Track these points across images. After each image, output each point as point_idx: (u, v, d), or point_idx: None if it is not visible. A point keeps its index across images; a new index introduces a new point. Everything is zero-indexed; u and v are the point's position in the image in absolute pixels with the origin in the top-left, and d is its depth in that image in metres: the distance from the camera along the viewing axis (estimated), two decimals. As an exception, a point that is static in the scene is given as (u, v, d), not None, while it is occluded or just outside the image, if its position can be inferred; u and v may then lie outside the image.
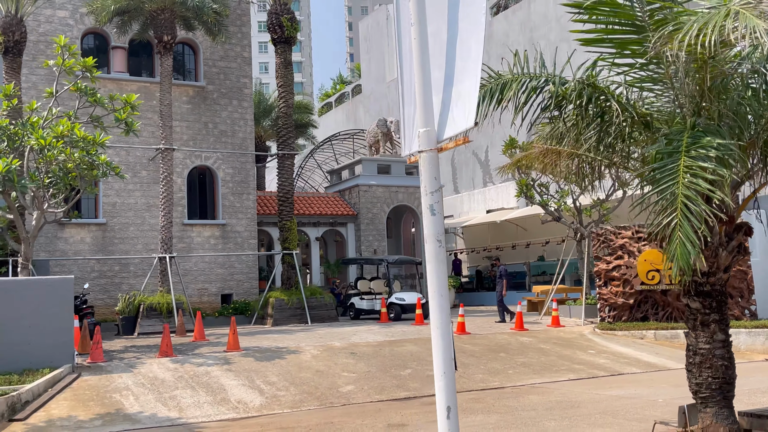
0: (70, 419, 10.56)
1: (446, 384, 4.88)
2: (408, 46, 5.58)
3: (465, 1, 5.06)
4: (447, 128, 5.00)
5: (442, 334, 4.92)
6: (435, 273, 4.93)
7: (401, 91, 5.61)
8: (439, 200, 5.04)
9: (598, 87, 5.96)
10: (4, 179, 13.48)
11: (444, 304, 4.98)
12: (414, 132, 5.42)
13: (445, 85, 5.12)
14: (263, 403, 11.66)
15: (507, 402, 11.23)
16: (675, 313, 18.44)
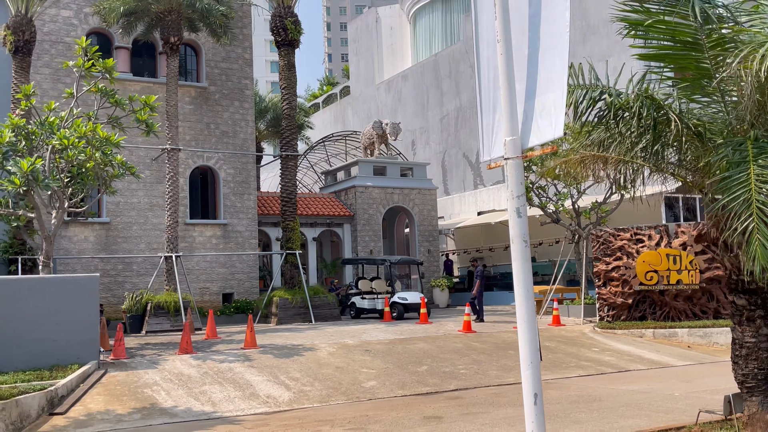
0: (108, 413, 10.84)
1: (532, 373, 5.30)
2: (486, 60, 6.02)
3: (547, 19, 5.50)
4: (531, 137, 5.43)
5: (528, 327, 5.35)
6: (521, 271, 5.37)
7: (479, 102, 6.04)
8: (524, 203, 5.48)
9: (655, 99, 6.43)
10: (29, 178, 13.69)
11: (530, 299, 5.41)
12: (493, 140, 5.86)
13: (527, 97, 5.55)
14: (292, 398, 12.01)
15: (529, 396, 11.67)
16: (672, 313, 19.05)
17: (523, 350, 5.37)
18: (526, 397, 5.36)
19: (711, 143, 6.16)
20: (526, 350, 5.34)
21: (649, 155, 6.64)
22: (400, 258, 25.04)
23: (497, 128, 5.82)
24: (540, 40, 5.50)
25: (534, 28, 5.57)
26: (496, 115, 5.84)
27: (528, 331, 5.34)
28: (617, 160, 7.02)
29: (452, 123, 38.22)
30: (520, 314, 5.37)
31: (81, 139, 14.29)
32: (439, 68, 39.34)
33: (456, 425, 9.34)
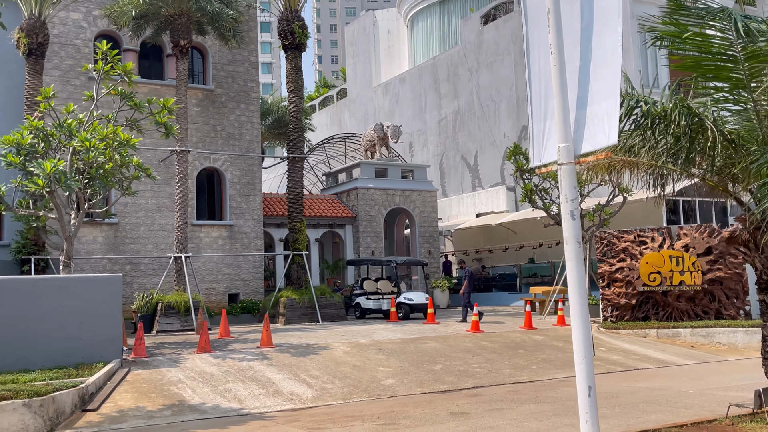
0: (139, 410, 11.09)
1: (586, 367, 5.63)
2: (537, 71, 6.36)
3: (599, 33, 5.84)
4: (585, 143, 5.77)
5: (582, 325, 5.68)
6: (575, 271, 5.71)
7: (531, 110, 6.37)
8: (578, 206, 5.81)
9: (691, 108, 6.79)
10: (51, 179, 13.90)
11: (584, 297, 5.75)
12: (543, 146, 6.20)
13: (578, 106, 5.90)
14: (315, 395, 12.30)
15: (546, 393, 12.04)
16: (675, 313, 19.48)
17: (577, 345, 5.70)
18: (581, 390, 5.68)
19: (744, 150, 6.53)
20: (580, 346, 5.67)
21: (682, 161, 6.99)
22: (406, 259, 25.38)
23: (548, 135, 6.16)
24: (592, 53, 5.84)
25: (586, 41, 5.91)
26: (546, 123, 6.18)
27: (582, 328, 5.67)
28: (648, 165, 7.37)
29: (450, 126, 38.59)
30: (574, 311, 5.70)
31: (102, 141, 14.53)
32: (437, 71, 39.72)
33: (484, 421, 9.66)
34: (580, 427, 5.60)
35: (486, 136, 36.07)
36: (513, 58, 34.41)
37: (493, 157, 35.63)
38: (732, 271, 19.24)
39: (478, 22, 37.11)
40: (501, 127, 35.08)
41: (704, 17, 6.37)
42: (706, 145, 6.54)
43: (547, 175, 20.90)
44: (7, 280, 13.07)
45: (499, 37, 35.40)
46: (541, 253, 31.32)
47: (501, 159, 34.98)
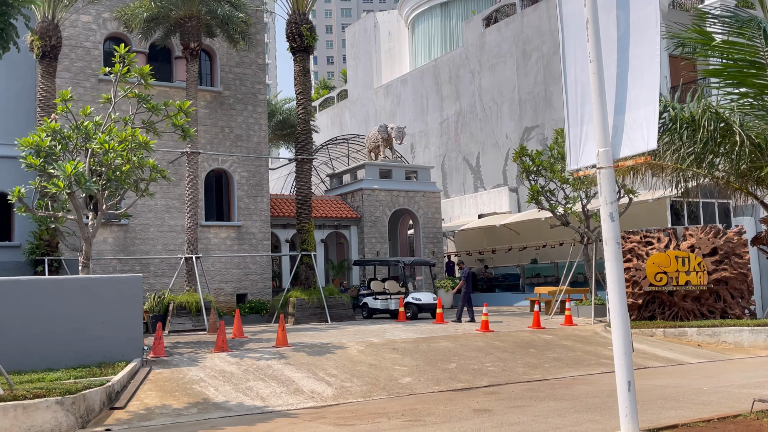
0: (165, 407, 11.29)
1: (626, 362, 5.88)
2: (573, 78, 6.60)
3: (636, 43, 6.09)
4: (623, 148, 6.01)
5: (622, 322, 5.94)
6: (615, 270, 5.95)
7: (567, 116, 6.62)
8: (616, 209, 6.05)
9: (719, 114, 7.05)
10: (71, 181, 14.10)
11: (623, 295, 5.99)
12: (580, 150, 6.44)
13: (616, 112, 6.14)
14: (335, 393, 12.51)
15: (563, 391, 12.29)
16: (681, 313, 19.76)
17: (617, 342, 5.95)
18: (620, 385, 5.93)
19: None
20: (619, 342, 5.92)
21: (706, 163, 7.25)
22: (414, 259, 25.63)
23: (584, 140, 6.41)
24: (629, 61, 6.09)
25: (622, 50, 6.16)
26: (583, 128, 6.42)
27: (621, 325, 5.92)
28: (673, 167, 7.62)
29: (452, 127, 38.86)
30: (614, 309, 5.94)
31: (120, 143, 14.74)
32: (438, 73, 39.98)
33: (507, 417, 9.90)
34: (620, 420, 5.85)
35: (488, 137, 36.35)
36: (515, 60, 34.68)
37: (495, 159, 35.91)
38: (737, 272, 19.53)
39: (479, 24, 37.38)
40: (503, 129, 35.35)
41: (732, 26, 6.62)
42: (732, 149, 6.79)
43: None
44: (31, 281, 13.27)
45: (501, 40, 35.68)
46: (544, 254, 31.62)
47: (503, 160, 35.27)
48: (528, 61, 33.86)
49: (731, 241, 19.68)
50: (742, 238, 19.81)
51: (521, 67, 34.28)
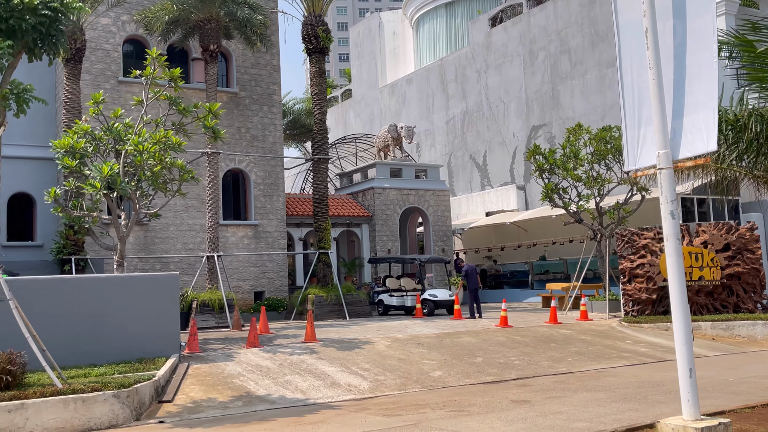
0: (211, 401, 11.67)
1: (687, 351, 6.29)
2: (630, 83, 7.01)
3: (692, 50, 6.49)
4: (682, 150, 6.42)
5: (682, 313, 6.35)
6: (675, 264, 6.36)
7: (624, 119, 7.02)
8: (677, 207, 6.46)
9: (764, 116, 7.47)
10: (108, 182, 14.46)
11: (683, 288, 6.40)
12: (638, 152, 6.85)
13: (674, 116, 6.55)
14: (371, 386, 12.91)
15: (592, 383, 12.71)
16: (694, 307, 20.17)
17: (678, 332, 6.35)
18: (682, 371, 6.34)
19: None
20: (680, 332, 6.33)
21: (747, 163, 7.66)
22: (430, 257, 26.04)
23: (641, 142, 6.81)
24: (686, 68, 6.49)
25: (679, 57, 6.56)
26: (641, 131, 6.83)
27: (682, 316, 6.32)
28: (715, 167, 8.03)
29: (458, 126, 39.26)
30: (674, 301, 6.35)
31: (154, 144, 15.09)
32: (444, 72, 40.37)
33: (547, 407, 10.31)
34: (682, 405, 6.26)
35: (495, 135, 36.77)
36: (522, 60, 35.11)
37: (502, 157, 36.33)
38: (750, 267, 19.97)
39: (486, 24, 37.78)
40: (510, 127, 35.78)
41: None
42: (774, 150, 7.23)
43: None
44: (75, 279, 13.64)
45: (508, 39, 36.08)
46: (552, 251, 32.06)
47: (510, 158, 35.69)
48: (535, 61, 34.29)
49: (743, 237, 20.13)
50: (755, 234, 20.25)
51: (528, 67, 34.71)
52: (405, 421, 9.69)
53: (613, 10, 7.10)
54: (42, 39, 10.98)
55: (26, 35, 10.78)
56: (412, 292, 24.28)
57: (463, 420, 9.53)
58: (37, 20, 10.69)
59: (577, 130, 23.50)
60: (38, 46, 11.03)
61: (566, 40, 32.63)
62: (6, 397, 9.72)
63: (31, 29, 10.69)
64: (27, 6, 10.55)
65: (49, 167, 23.37)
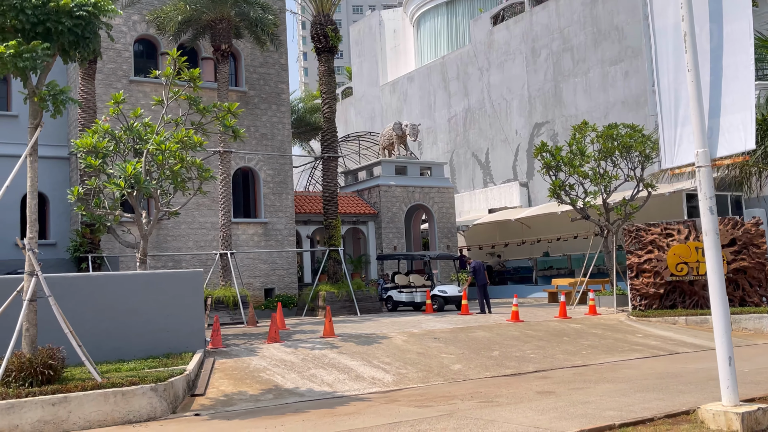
0: (242, 394, 11.96)
1: (726, 340, 6.62)
2: (666, 85, 7.32)
3: (729, 52, 6.81)
4: (720, 149, 6.74)
5: (721, 304, 6.67)
6: (714, 258, 6.68)
7: (660, 119, 7.33)
8: (715, 203, 6.78)
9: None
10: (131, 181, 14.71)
11: (722, 280, 6.73)
12: (675, 150, 7.17)
13: (710, 116, 6.86)
14: (394, 379, 13.21)
15: (611, 375, 13.04)
16: (701, 301, 20.56)
17: (717, 323, 6.67)
18: (722, 359, 6.65)
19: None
20: (720, 323, 6.65)
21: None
22: (439, 253, 26.37)
23: (678, 141, 7.13)
24: (723, 70, 6.81)
25: (716, 60, 6.87)
26: (677, 130, 7.14)
27: (721, 307, 6.64)
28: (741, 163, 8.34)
29: (461, 123, 39.58)
30: (713, 293, 6.67)
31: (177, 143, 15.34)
32: (446, 70, 40.68)
33: (574, 397, 10.63)
34: (722, 391, 6.58)
35: (497, 133, 37.10)
36: (524, 58, 35.43)
37: (504, 154, 36.67)
38: (755, 261, 20.36)
39: (488, 22, 38.09)
40: (513, 125, 36.12)
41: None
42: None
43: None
44: (102, 276, 13.89)
45: (510, 37, 36.40)
46: (555, 247, 32.43)
47: (513, 155, 36.04)
48: (537, 59, 34.62)
49: (749, 232, 20.51)
50: (760, 229, 20.63)
51: (530, 64, 35.04)
52: (438, 411, 10.00)
53: (649, 15, 7.40)
54: (77, 41, 11.20)
55: (62, 37, 11.01)
56: (421, 288, 24.60)
57: (495, 410, 9.84)
58: (73, 23, 10.92)
59: (583, 128, 23.81)
60: (73, 48, 11.26)
61: (568, 38, 32.97)
62: (49, 391, 9.99)
63: (67, 32, 10.92)
64: (63, 9, 10.78)
65: (61, 166, 23.57)
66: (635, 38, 30.03)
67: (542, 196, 33.91)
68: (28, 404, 9.67)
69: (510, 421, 8.83)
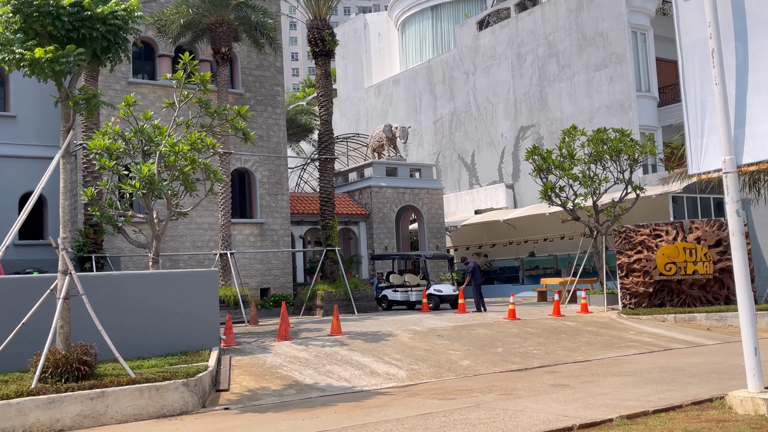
0: (265, 389, 12.36)
1: (752, 332, 7.21)
2: (693, 96, 7.91)
3: (753, 68, 7.40)
4: (745, 156, 7.33)
5: (747, 300, 7.27)
6: (740, 257, 7.27)
7: (687, 128, 7.92)
8: (741, 206, 7.36)
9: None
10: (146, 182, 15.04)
11: (747, 278, 7.32)
12: (701, 158, 7.76)
13: (736, 126, 7.44)
14: (408, 375, 13.70)
15: (616, 369, 13.66)
16: (689, 300, 21.36)
17: (744, 316, 7.27)
18: (747, 350, 7.25)
19: None
20: (746, 317, 7.24)
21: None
22: (435, 253, 26.91)
23: (704, 149, 7.72)
24: (748, 84, 7.40)
25: (741, 75, 7.47)
26: (703, 139, 7.73)
27: (747, 302, 7.24)
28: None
29: (446, 126, 40.20)
30: (740, 289, 7.26)
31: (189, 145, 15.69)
32: (432, 74, 41.28)
33: (589, 389, 11.20)
34: (747, 379, 7.17)
35: (483, 135, 37.79)
36: (510, 62, 36.15)
37: (490, 156, 37.36)
38: (740, 261, 21.18)
39: (473, 27, 38.76)
40: (498, 128, 36.82)
41: None
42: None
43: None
44: (121, 276, 14.19)
45: (496, 42, 37.10)
46: (541, 247, 33.17)
47: (499, 158, 36.74)
48: (523, 63, 35.35)
49: (734, 234, 21.32)
50: (745, 230, 21.45)
51: (516, 69, 35.76)
52: (463, 403, 10.50)
53: (677, 32, 7.99)
54: (108, 47, 11.54)
55: (94, 43, 11.35)
56: (416, 287, 25.11)
57: (518, 401, 10.37)
58: (106, 29, 11.26)
59: (572, 132, 24.51)
60: (104, 53, 11.59)
61: (554, 44, 33.73)
62: (86, 386, 10.32)
63: (100, 38, 11.25)
64: (97, 16, 11.11)
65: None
66: (619, 45, 30.88)
67: (528, 197, 34.65)
68: (68, 399, 10.00)
69: (538, 411, 9.36)
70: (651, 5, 32.42)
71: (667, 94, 34.06)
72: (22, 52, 10.56)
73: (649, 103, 32.04)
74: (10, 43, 10.82)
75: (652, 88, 32.28)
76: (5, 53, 10.74)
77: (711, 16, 7.43)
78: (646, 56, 32.14)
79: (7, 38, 10.84)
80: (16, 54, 10.67)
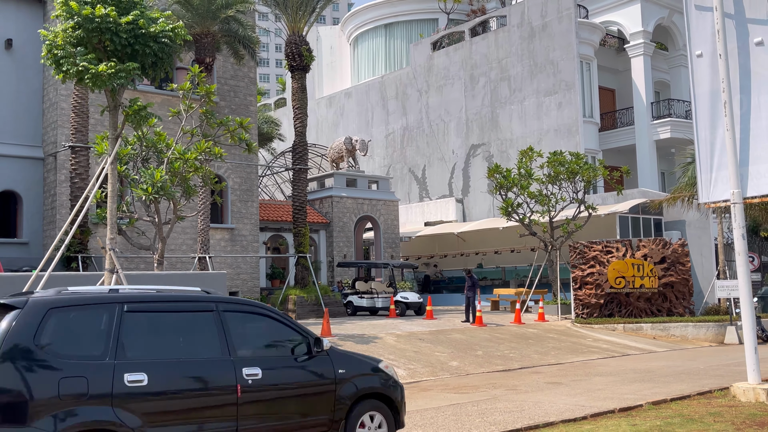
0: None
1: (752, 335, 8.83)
2: (704, 137, 9.54)
3: (755, 117, 9.05)
4: (749, 190, 8.97)
5: (749, 307, 8.87)
6: (744, 274, 8.89)
7: (699, 164, 9.53)
8: (745, 231, 8.97)
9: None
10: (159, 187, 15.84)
11: (749, 289, 8.93)
12: (711, 190, 9.38)
13: (740, 164, 9.08)
14: (407, 373, 14.95)
15: (594, 370, 15.29)
16: (635, 311, 23.41)
17: (745, 321, 8.87)
18: (748, 349, 8.83)
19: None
20: (748, 322, 8.85)
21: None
22: (402, 262, 28.21)
23: (714, 182, 9.34)
24: (751, 131, 9.06)
25: (745, 122, 9.13)
26: (712, 174, 9.35)
27: (749, 309, 8.85)
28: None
29: (398, 140, 41.69)
30: (743, 300, 8.87)
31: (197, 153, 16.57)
32: (385, 89, 42.73)
33: (584, 385, 12.73)
34: (748, 372, 8.76)
35: (434, 151, 39.45)
36: (463, 83, 37.96)
37: (441, 171, 39.03)
38: (681, 277, 23.39)
39: (428, 47, 40.43)
40: (450, 145, 38.55)
41: None
42: None
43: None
44: (143, 276, 14.88)
45: (450, 63, 38.87)
46: (489, 259, 34.98)
47: (449, 173, 38.44)
48: (476, 85, 37.22)
49: (676, 252, 23.53)
50: (685, 249, 23.71)
51: (469, 90, 37.61)
52: (480, 396, 11.84)
53: (691, 83, 9.61)
54: (156, 62, 12.42)
55: (145, 59, 12.21)
56: (383, 294, 26.34)
57: (528, 395, 11.78)
58: (158, 46, 12.14)
59: (529, 153, 26.34)
60: (152, 68, 12.46)
61: (506, 69, 35.74)
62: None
63: (152, 54, 12.13)
64: (151, 34, 12.00)
65: (35, 166, 23.88)
66: (569, 73, 33.08)
67: (477, 212, 36.46)
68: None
69: (554, 402, 10.78)
70: (596, 37, 34.84)
71: (606, 121, 36.58)
72: (86, 66, 11.33)
73: (592, 128, 34.38)
74: (72, 56, 11.58)
75: (594, 114, 34.64)
76: (68, 65, 11.49)
77: (724, 73, 9.08)
78: (590, 84, 34.49)
79: (68, 51, 11.59)
80: (78, 67, 11.44)
